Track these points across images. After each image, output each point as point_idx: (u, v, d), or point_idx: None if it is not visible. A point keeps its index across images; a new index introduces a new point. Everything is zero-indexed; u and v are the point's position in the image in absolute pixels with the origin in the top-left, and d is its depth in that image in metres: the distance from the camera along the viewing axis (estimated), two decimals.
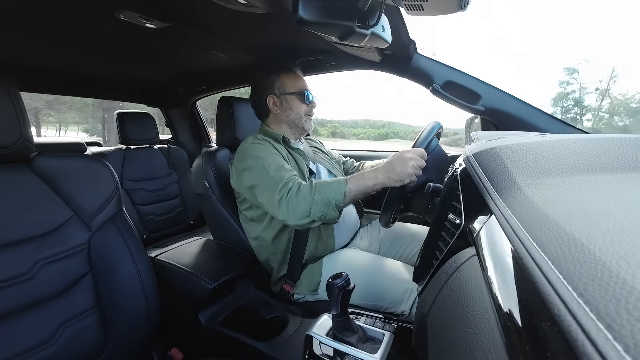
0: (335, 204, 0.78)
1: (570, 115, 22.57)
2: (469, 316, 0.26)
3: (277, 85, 1.00)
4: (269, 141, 0.95)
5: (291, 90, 0.99)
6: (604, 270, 0.15)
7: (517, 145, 0.37)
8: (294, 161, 0.99)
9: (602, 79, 23.92)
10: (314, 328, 0.60)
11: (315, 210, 0.77)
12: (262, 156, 0.88)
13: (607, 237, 0.18)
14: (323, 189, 0.79)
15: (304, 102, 1.00)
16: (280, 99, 1.00)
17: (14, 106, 0.60)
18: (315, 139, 1.25)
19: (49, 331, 0.60)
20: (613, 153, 0.30)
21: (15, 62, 1.18)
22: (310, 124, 1.04)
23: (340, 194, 0.78)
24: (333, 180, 0.81)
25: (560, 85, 23.57)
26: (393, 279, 0.83)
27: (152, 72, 1.51)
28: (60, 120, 17.38)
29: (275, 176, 0.83)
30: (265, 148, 0.91)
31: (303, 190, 0.80)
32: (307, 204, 0.78)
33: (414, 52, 0.98)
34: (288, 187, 0.81)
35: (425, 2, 0.52)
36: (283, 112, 1.01)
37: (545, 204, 0.24)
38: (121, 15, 0.80)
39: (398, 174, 0.75)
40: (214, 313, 0.91)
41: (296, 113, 1.00)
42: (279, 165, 0.86)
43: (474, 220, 0.34)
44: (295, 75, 1.02)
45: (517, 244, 0.22)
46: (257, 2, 0.67)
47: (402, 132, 39.91)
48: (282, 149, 0.97)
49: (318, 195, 0.78)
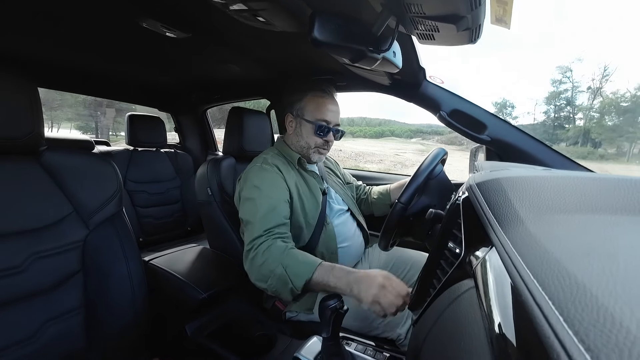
0: (291, 288, 0.69)
1: (563, 114, 22.57)
2: (464, 352, 0.25)
3: (299, 105, 0.94)
4: (278, 166, 0.90)
5: (308, 117, 0.93)
6: (606, 316, 0.15)
7: (521, 178, 0.36)
8: (305, 185, 0.94)
9: (595, 77, 24.04)
10: (302, 350, 0.58)
11: (271, 282, 0.71)
12: (261, 188, 0.83)
13: (610, 281, 0.17)
14: (290, 263, 0.71)
15: (317, 134, 0.93)
16: (296, 120, 0.95)
17: (30, 100, 0.61)
18: (331, 159, 1.21)
19: (32, 328, 0.59)
20: (619, 194, 0.30)
21: (35, 59, 1.22)
22: (319, 157, 0.97)
23: (302, 279, 0.69)
24: (305, 260, 0.72)
25: (552, 84, 23.72)
26: None
27: (167, 78, 1.55)
28: (52, 117, 17.43)
29: (260, 220, 0.78)
30: (269, 177, 0.87)
31: (272, 252, 0.73)
32: (267, 272, 0.72)
33: (424, 79, 1.00)
34: (261, 241, 0.76)
35: (437, 32, 0.53)
36: (295, 135, 0.96)
37: (548, 240, 0.24)
38: (144, 24, 0.84)
39: (359, 293, 0.65)
40: (201, 325, 0.89)
41: (305, 142, 0.95)
42: (271, 207, 0.81)
43: (474, 250, 0.33)
44: (324, 101, 0.93)
45: (517, 280, 0.21)
46: (275, 21, 0.70)
47: (398, 130, 40.10)
48: (292, 174, 0.93)
49: (280, 268, 0.71)
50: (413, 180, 0.75)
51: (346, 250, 0.96)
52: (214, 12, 0.71)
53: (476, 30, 0.51)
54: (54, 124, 17.87)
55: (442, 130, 26.48)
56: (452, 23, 0.48)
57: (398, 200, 0.74)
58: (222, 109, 1.57)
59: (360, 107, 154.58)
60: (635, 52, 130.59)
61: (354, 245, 1.00)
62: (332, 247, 0.93)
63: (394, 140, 30.61)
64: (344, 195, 1.07)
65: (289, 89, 0.97)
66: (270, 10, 0.64)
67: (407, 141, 29.19)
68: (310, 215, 0.91)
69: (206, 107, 2.04)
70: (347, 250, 0.96)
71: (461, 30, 0.50)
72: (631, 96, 21.18)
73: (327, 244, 0.92)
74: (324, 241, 0.92)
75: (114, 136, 16.08)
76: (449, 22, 0.48)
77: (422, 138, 30.73)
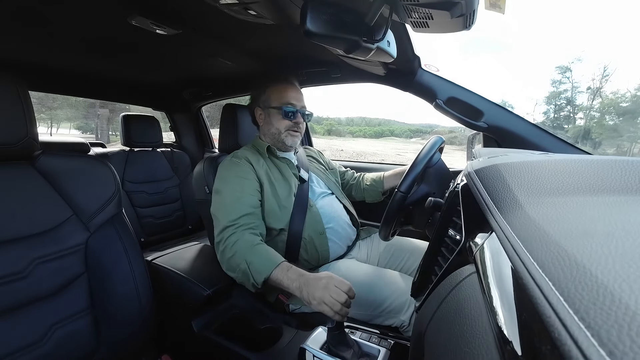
0: (252, 283, 0.76)
1: (564, 114, 22.63)
2: (467, 336, 0.25)
3: (263, 97, 1.00)
4: (247, 157, 0.95)
5: (274, 105, 0.98)
6: (605, 294, 0.15)
7: (519, 163, 0.37)
8: (277, 171, 0.99)
9: (595, 77, 24.06)
10: (308, 341, 0.59)
11: (238, 275, 0.79)
12: (228, 180, 0.90)
13: (609, 260, 0.17)
14: (253, 260, 0.77)
15: (285, 117, 0.98)
16: (264, 112, 1.01)
17: (22, 105, 0.60)
18: (314, 149, 1.26)
19: (39, 332, 0.59)
20: (615, 175, 0.30)
21: (26, 62, 1.20)
22: (292, 139, 1.01)
23: (261, 276, 0.75)
24: (268, 258, 0.77)
25: (552, 85, 23.73)
26: (392, 289, 0.82)
27: (159, 76, 1.53)
28: (51, 117, 17.22)
29: (226, 211, 0.84)
30: (237, 169, 0.92)
31: (239, 246, 0.79)
32: (235, 264, 0.78)
33: (419, 67, 0.99)
34: (229, 233, 0.82)
35: (431, 20, 0.53)
36: (265, 125, 1.02)
37: (547, 223, 0.24)
38: (133, 21, 0.82)
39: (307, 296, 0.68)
40: (208, 321, 0.90)
41: (275, 128, 0.99)
42: (236, 198, 0.87)
43: (474, 236, 0.34)
44: (285, 87, 0.99)
45: (518, 263, 0.22)
46: (266, 14, 0.69)
47: (397, 130, 40.25)
48: (262, 162, 0.97)
49: (244, 264, 0.77)
50: (412, 169, 0.75)
51: (333, 231, 0.98)
52: (204, 6, 0.70)
53: (470, 16, 0.50)
54: (53, 124, 17.59)
55: (442, 130, 26.61)
56: (445, 10, 0.48)
57: (398, 189, 0.74)
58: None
59: (360, 106, 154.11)
60: (634, 52, 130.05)
61: (341, 225, 1.01)
62: (319, 228, 0.95)
63: (394, 140, 30.62)
64: (326, 180, 1.11)
65: (252, 87, 1.03)
66: (261, 4, 0.63)
67: (407, 141, 29.20)
68: (283, 198, 0.94)
69: (200, 104, 2.02)
70: (334, 231, 0.98)
71: (455, 17, 0.49)
72: (631, 96, 21.25)
73: (314, 226, 0.95)
74: (310, 224, 0.95)
75: (114, 136, 15.80)
76: (442, 9, 0.48)
77: (421, 138, 30.75)
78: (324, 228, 0.96)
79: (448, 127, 10.72)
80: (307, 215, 0.95)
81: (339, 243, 1.00)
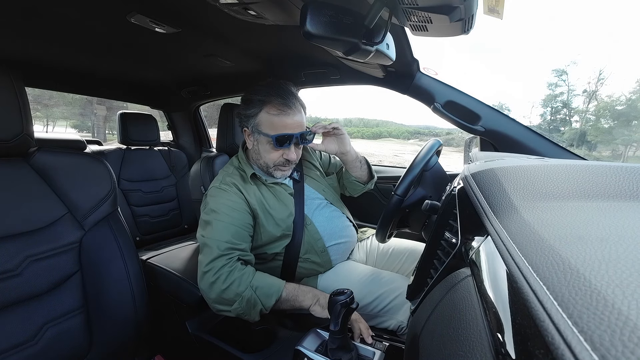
0: (260, 309, 0.72)
1: (559, 117, 22.88)
2: (461, 338, 0.25)
3: (254, 121, 0.82)
4: (236, 184, 0.84)
5: (264, 131, 0.81)
6: (599, 299, 0.15)
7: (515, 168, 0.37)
8: (271, 195, 0.88)
9: (590, 80, 24.33)
10: (303, 343, 0.59)
11: (238, 306, 0.72)
12: (219, 212, 0.79)
13: (602, 265, 0.18)
14: (260, 285, 0.73)
15: (276, 147, 0.81)
16: (253, 136, 0.84)
17: (18, 100, 0.60)
18: (309, 149, 1.08)
19: (31, 331, 0.58)
20: (610, 181, 0.31)
21: (23, 58, 1.19)
22: (282, 174, 0.87)
23: (272, 299, 0.72)
24: (272, 282, 0.75)
25: (548, 87, 23.96)
26: (389, 289, 0.82)
27: (157, 74, 1.53)
28: (47, 115, 16.75)
29: (218, 243, 0.75)
30: (227, 200, 0.80)
31: (237, 276, 0.72)
32: (233, 295, 0.71)
33: (417, 70, 1.00)
34: (221, 264, 0.73)
35: (430, 23, 0.53)
36: (254, 152, 0.87)
37: (542, 227, 0.24)
38: (132, 19, 0.82)
39: (325, 303, 0.69)
40: (202, 321, 0.89)
41: (263, 161, 0.85)
42: (228, 231, 0.78)
43: (470, 240, 0.34)
44: (280, 111, 0.79)
45: (513, 267, 0.22)
46: (266, 14, 0.69)
47: (395, 131, 40.33)
48: (253, 188, 0.86)
49: (249, 291, 0.72)
50: (409, 172, 0.76)
51: (336, 247, 0.93)
52: (204, 6, 0.70)
53: (469, 21, 0.51)
54: (49, 122, 17.32)
55: (439, 132, 26.68)
56: (444, 14, 0.48)
57: (394, 192, 0.74)
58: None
59: (358, 107, 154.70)
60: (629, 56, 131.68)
61: (342, 239, 0.96)
62: (319, 245, 0.90)
63: (392, 141, 30.70)
64: (325, 186, 1.02)
65: (243, 99, 0.86)
66: (261, 4, 0.63)
67: (404, 142, 29.32)
68: (284, 224, 0.87)
69: (199, 103, 2.01)
70: (336, 247, 0.93)
71: (454, 21, 0.50)
72: (626, 100, 21.53)
73: (312, 244, 0.89)
74: (309, 242, 0.89)
75: (110, 135, 15.66)
76: (441, 13, 0.48)
77: (419, 139, 30.91)
78: (325, 246, 0.91)
79: (445, 128, 10.89)
80: (304, 235, 0.89)
81: (342, 256, 0.97)
